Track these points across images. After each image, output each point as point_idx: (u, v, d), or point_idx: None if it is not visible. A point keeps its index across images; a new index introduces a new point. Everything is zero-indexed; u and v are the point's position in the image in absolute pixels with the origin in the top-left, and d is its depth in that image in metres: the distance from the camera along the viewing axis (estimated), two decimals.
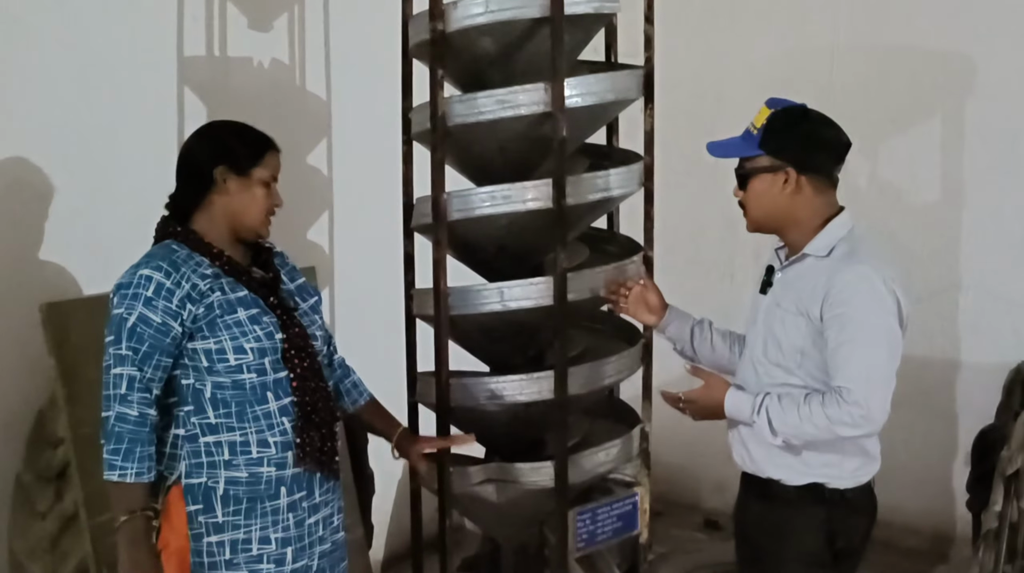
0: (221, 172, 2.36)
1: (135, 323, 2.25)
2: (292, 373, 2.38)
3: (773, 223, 2.52)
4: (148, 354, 2.25)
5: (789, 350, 2.47)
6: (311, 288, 2.59)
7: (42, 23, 3.12)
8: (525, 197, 2.84)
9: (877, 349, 2.37)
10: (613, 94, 2.93)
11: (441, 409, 2.96)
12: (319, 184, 4.03)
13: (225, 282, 2.35)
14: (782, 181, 2.45)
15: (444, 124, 2.85)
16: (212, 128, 2.50)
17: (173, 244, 2.35)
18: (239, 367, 2.32)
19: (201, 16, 3.57)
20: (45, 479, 2.97)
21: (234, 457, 2.33)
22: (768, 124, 2.45)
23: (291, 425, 2.37)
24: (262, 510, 2.36)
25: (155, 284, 2.26)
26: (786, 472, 2.49)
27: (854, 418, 2.33)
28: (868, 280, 2.39)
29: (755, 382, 2.53)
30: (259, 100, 3.77)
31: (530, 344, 3.11)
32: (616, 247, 3.28)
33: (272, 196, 2.43)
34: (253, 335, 2.33)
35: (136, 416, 2.24)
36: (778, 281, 2.55)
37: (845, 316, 2.37)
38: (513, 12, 2.76)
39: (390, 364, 3.32)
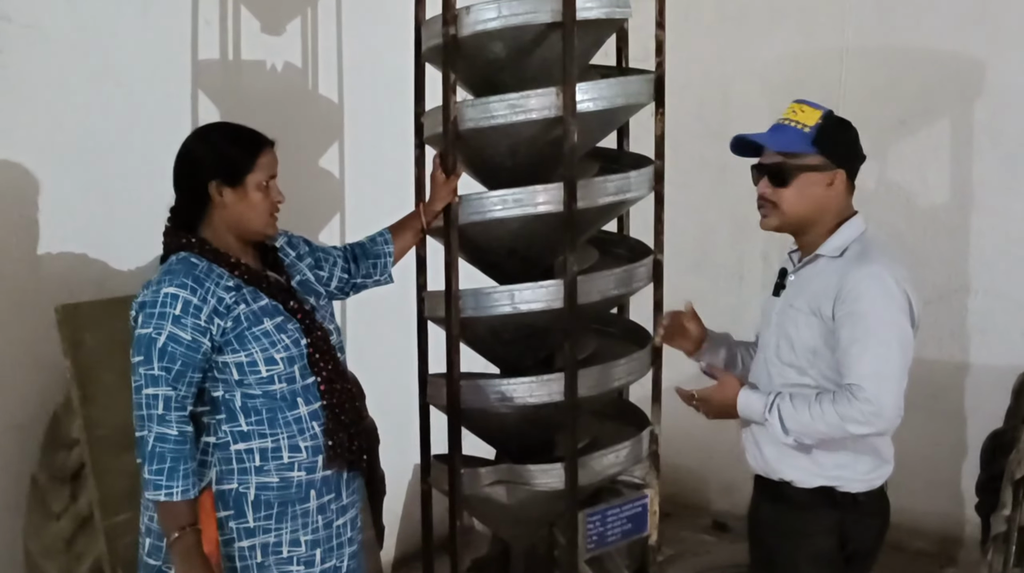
0: (215, 187, 2.35)
1: (165, 342, 2.25)
2: (319, 377, 2.40)
3: (802, 222, 2.53)
4: (181, 372, 2.27)
5: (802, 350, 2.49)
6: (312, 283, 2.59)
7: (56, 28, 3.14)
8: (536, 201, 2.86)
9: (889, 347, 2.39)
10: (624, 99, 2.94)
11: (452, 411, 2.98)
12: (331, 187, 4.05)
13: (247, 291, 2.36)
14: (828, 182, 2.48)
15: (456, 128, 2.87)
16: (200, 138, 2.45)
17: (192, 258, 2.34)
18: (270, 378, 2.35)
19: (215, 20, 3.60)
20: (60, 480, 2.99)
21: (265, 463, 2.35)
22: (824, 125, 2.47)
23: (321, 429, 2.40)
24: (292, 513, 2.38)
25: (182, 302, 2.27)
26: (798, 474, 2.50)
27: (865, 415, 2.35)
28: (880, 279, 2.42)
29: (768, 383, 2.55)
30: (272, 103, 3.79)
31: (540, 346, 3.12)
32: (626, 250, 3.29)
33: (272, 194, 2.42)
34: (282, 345, 2.35)
35: (176, 435, 2.25)
36: (791, 283, 2.57)
37: (857, 314, 2.39)
38: (525, 17, 2.77)
39: (401, 366, 3.34)
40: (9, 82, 3.04)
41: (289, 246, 2.61)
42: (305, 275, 2.59)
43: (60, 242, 3.14)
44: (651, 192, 3.13)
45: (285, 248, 2.59)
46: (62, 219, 3.15)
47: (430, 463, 3.19)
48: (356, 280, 2.81)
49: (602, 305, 3.07)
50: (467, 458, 3.08)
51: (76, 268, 3.15)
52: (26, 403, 3.06)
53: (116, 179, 3.19)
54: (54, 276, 3.11)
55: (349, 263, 2.79)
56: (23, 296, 3.06)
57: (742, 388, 2.52)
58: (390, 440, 3.83)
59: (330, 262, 2.73)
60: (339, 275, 2.75)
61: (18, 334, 3.04)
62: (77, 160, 3.18)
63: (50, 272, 3.11)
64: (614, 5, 2.89)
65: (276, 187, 2.44)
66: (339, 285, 2.77)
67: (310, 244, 2.71)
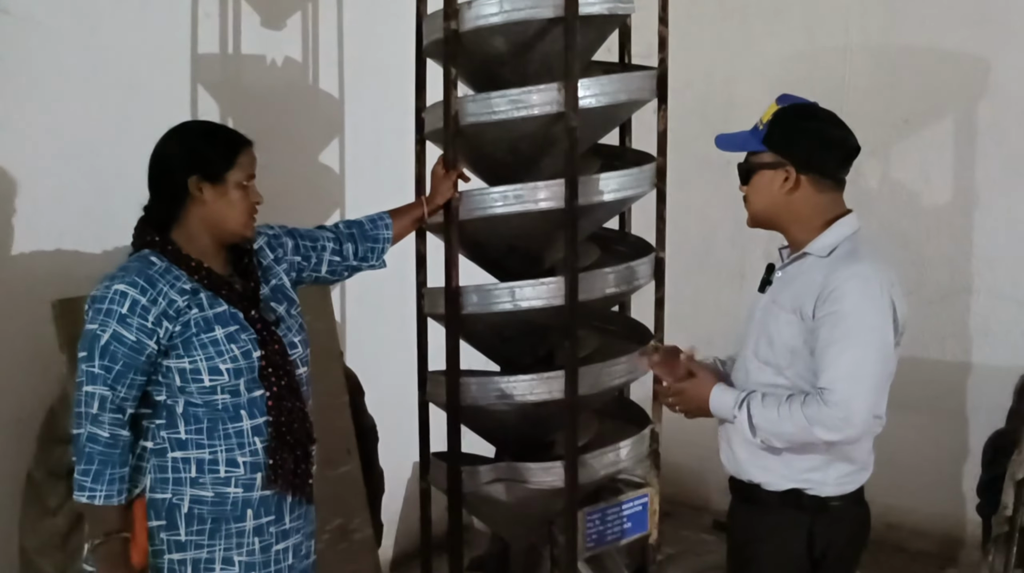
0: (195, 182, 2.29)
1: (108, 341, 2.20)
2: (268, 392, 2.32)
3: (771, 219, 2.49)
4: (121, 373, 2.21)
5: (781, 349, 2.41)
6: (287, 289, 2.52)
7: (54, 20, 3.12)
8: (537, 197, 2.85)
9: (867, 351, 2.30)
10: (626, 95, 2.93)
11: (451, 408, 2.97)
12: (331, 182, 4.04)
13: (204, 297, 2.29)
14: (782, 179, 2.41)
15: (457, 123, 2.85)
16: (179, 134, 2.38)
17: (152, 256, 2.28)
18: (213, 388, 2.28)
19: (215, 13, 3.57)
20: (56, 476, 2.96)
21: (201, 475, 2.28)
22: (773, 120, 2.42)
23: (263, 446, 2.32)
24: (227, 531, 2.31)
25: (130, 301, 2.21)
26: (768, 476, 2.44)
27: (834, 420, 2.27)
28: (865, 280, 2.34)
29: (745, 380, 2.49)
30: (272, 98, 3.78)
31: (541, 344, 3.11)
32: (627, 247, 3.28)
33: (251, 195, 2.36)
34: (229, 355, 2.28)
35: (107, 437, 2.21)
36: (777, 279, 2.52)
37: (838, 315, 2.30)
38: (527, 12, 2.76)
39: (400, 363, 3.32)
40: (6, 74, 3.02)
41: (269, 247, 2.53)
42: (280, 280, 2.51)
43: (57, 237, 3.12)
44: (653, 189, 3.12)
45: (264, 250, 2.51)
46: (59, 213, 3.13)
47: (429, 461, 3.17)
48: (351, 262, 2.74)
49: (603, 302, 3.06)
50: (466, 456, 3.06)
51: (72, 263, 3.13)
52: (22, 398, 3.05)
53: (113, 173, 3.17)
54: (50, 271, 3.09)
55: (343, 244, 2.71)
56: (19, 291, 3.04)
57: (716, 384, 2.46)
58: (389, 437, 3.81)
59: (318, 248, 2.66)
60: (329, 259, 2.68)
61: (14, 329, 3.02)
62: (74, 154, 3.16)
63: (46, 267, 3.09)
64: (617, 1, 2.87)
65: (255, 188, 2.37)
66: (331, 269, 2.70)
67: (295, 235, 2.63)
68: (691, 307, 2.90)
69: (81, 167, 3.17)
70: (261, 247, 2.51)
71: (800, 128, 2.43)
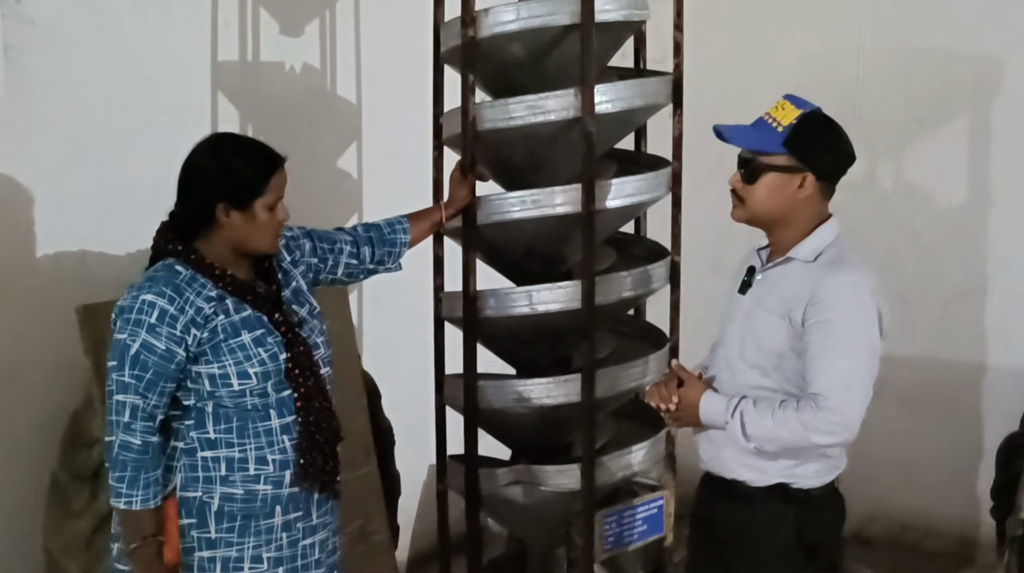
0: (223, 209, 2.31)
1: (138, 350, 2.24)
2: (296, 392, 2.37)
3: (769, 220, 2.50)
4: (152, 382, 2.25)
5: (768, 352, 2.45)
6: (305, 293, 2.54)
7: (76, 29, 3.16)
8: (555, 202, 2.87)
9: (859, 358, 2.36)
10: (642, 100, 2.95)
11: (469, 411, 2.99)
12: (349, 188, 4.07)
13: (230, 302, 2.33)
14: (797, 184, 2.45)
15: (474, 129, 2.88)
16: (212, 152, 2.37)
17: (177, 265, 2.32)
18: (242, 392, 2.32)
19: (234, 22, 3.61)
20: (80, 479, 3.01)
21: (231, 473, 2.33)
22: (798, 126, 2.43)
23: (292, 444, 2.36)
24: (256, 528, 2.35)
25: (159, 310, 2.25)
26: (753, 473, 2.48)
27: (830, 425, 2.32)
28: (855, 288, 2.40)
29: (730, 382, 2.51)
30: (291, 104, 3.81)
31: (558, 347, 3.13)
32: (643, 251, 3.30)
33: (278, 214, 2.38)
34: (257, 359, 2.32)
35: (139, 444, 2.25)
36: (759, 282, 2.53)
37: (829, 322, 2.36)
38: (544, 19, 2.78)
39: (418, 366, 3.35)
40: (31, 83, 3.05)
41: (287, 249, 2.55)
42: (298, 283, 2.53)
43: (81, 242, 3.16)
44: (668, 194, 3.14)
45: (282, 252, 2.53)
46: (83, 219, 3.17)
47: (446, 464, 3.20)
48: (368, 265, 2.76)
49: (619, 306, 3.08)
50: (483, 458, 3.09)
51: (96, 268, 3.16)
52: (47, 402, 3.08)
53: (136, 179, 3.20)
54: (74, 276, 3.12)
55: (360, 247, 2.73)
56: (44, 296, 3.08)
57: (705, 392, 2.49)
58: (405, 440, 3.84)
59: (335, 250, 2.69)
60: (346, 262, 2.71)
61: (39, 334, 3.06)
62: (97, 160, 3.20)
63: (70, 272, 3.12)
64: (632, 7, 2.90)
65: (283, 206, 2.39)
66: (347, 271, 2.72)
67: (312, 236, 2.65)
68: (705, 310, 2.90)
69: (103, 173, 3.20)
70: (279, 249, 2.53)
71: (823, 137, 2.47)
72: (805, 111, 2.46)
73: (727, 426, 2.43)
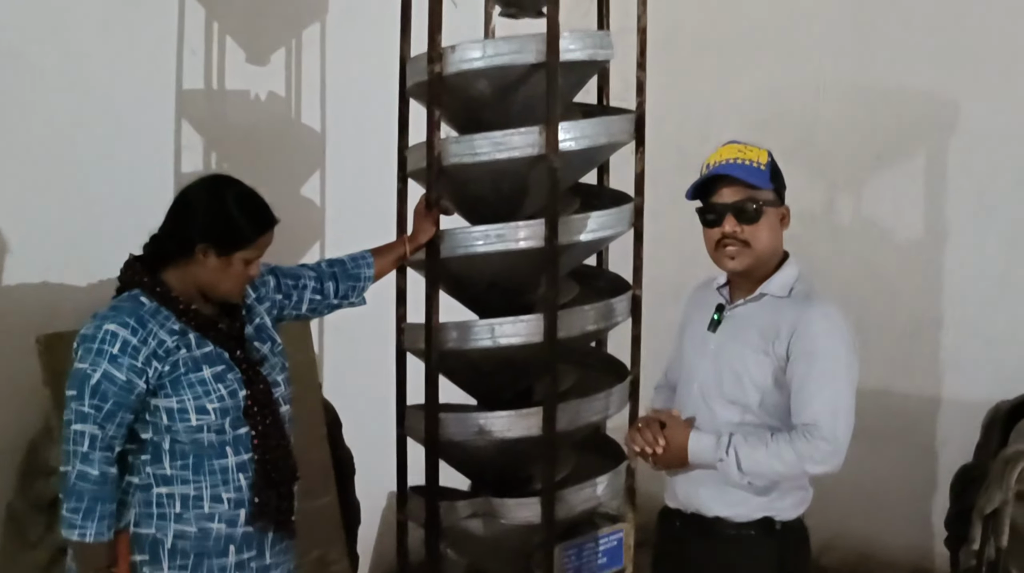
0: (202, 249, 2.32)
1: (99, 380, 2.23)
2: (254, 430, 2.37)
3: (768, 259, 2.52)
4: (111, 412, 2.25)
5: (750, 388, 2.48)
6: (269, 329, 2.55)
7: (41, 55, 3.15)
8: (518, 236, 2.89)
9: (844, 386, 2.43)
10: (606, 138, 2.99)
11: (430, 444, 2.99)
12: (312, 215, 4.07)
13: (193, 337, 2.33)
14: (781, 217, 2.53)
15: (440, 164, 2.90)
16: (211, 193, 2.37)
17: (141, 296, 2.32)
18: (199, 427, 2.31)
19: (200, 50, 3.61)
20: (37, 509, 2.98)
21: (185, 510, 2.32)
22: (772, 161, 2.52)
23: (247, 482, 2.36)
24: (209, 567, 2.34)
25: (121, 341, 2.24)
26: (735, 509, 2.50)
27: (824, 454, 2.38)
28: (834, 319, 2.46)
29: (710, 420, 2.52)
30: (255, 132, 3.82)
31: (519, 379, 3.15)
32: (605, 284, 3.33)
33: (251, 269, 2.38)
34: (216, 395, 2.32)
35: (97, 475, 2.24)
36: (729, 318, 2.56)
37: (814, 354, 2.41)
38: (510, 58, 2.81)
39: (379, 395, 3.35)
40: None
41: (251, 286, 2.55)
42: (262, 319, 2.54)
43: (42, 271, 3.14)
44: (631, 229, 3.17)
45: (247, 289, 2.52)
46: (44, 247, 3.15)
47: (407, 495, 3.20)
48: (332, 300, 2.78)
49: (582, 339, 3.10)
50: (444, 490, 3.09)
51: (57, 296, 3.14)
52: (4, 430, 3.05)
53: (98, 208, 3.19)
54: (35, 304, 3.10)
55: (324, 283, 2.75)
56: (3, 324, 3.05)
57: (691, 432, 2.49)
58: (365, 469, 3.83)
59: (299, 286, 2.70)
60: (310, 297, 2.72)
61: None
62: (59, 188, 3.19)
63: (31, 300, 3.10)
64: (597, 47, 2.93)
65: (259, 263, 2.41)
66: (311, 307, 2.74)
67: (277, 273, 2.66)
68: (666, 340, 2.93)
69: (66, 201, 3.19)
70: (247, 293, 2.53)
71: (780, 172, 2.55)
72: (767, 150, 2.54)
73: (720, 463, 2.43)
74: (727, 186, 2.48)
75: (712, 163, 2.52)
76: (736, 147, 2.53)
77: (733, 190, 2.48)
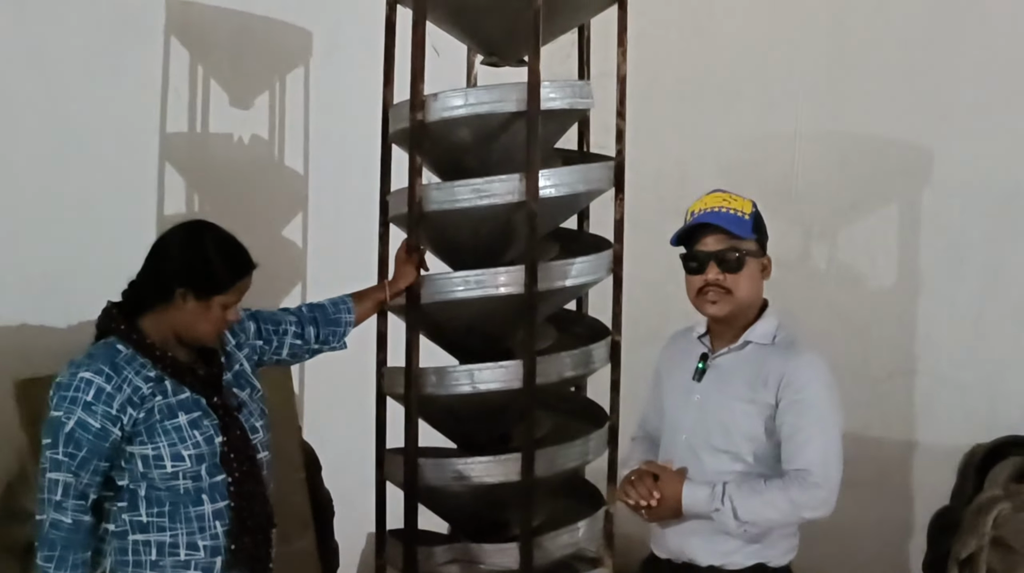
0: (182, 293, 2.32)
1: (73, 428, 2.23)
2: (230, 477, 2.36)
3: (749, 308, 2.56)
4: (85, 460, 2.24)
5: (739, 437, 2.50)
6: (248, 375, 2.55)
7: (25, 94, 3.17)
8: (498, 282, 2.91)
9: (834, 433, 2.46)
10: (585, 185, 3.02)
11: (409, 489, 2.99)
12: (294, 256, 4.08)
13: (169, 384, 2.32)
14: (762, 267, 2.57)
15: (421, 210, 2.92)
16: (191, 238, 2.38)
17: (118, 344, 2.31)
18: (175, 474, 2.30)
19: (184, 92, 3.64)
20: (12, 553, 2.94)
21: (161, 558, 2.31)
22: (756, 212, 2.56)
23: (224, 529, 2.35)
24: None
25: (95, 388, 2.24)
26: (728, 558, 2.51)
27: (818, 500, 2.41)
28: (820, 367, 2.51)
29: (700, 470, 2.53)
30: (237, 174, 3.84)
31: (498, 424, 3.16)
32: (584, 329, 3.35)
33: (230, 314, 2.39)
34: (192, 441, 2.31)
35: (70, 524, 2.23)
36: (714, 367, 2.58)
37: (804, 402, 2.44)
38: (491, 106, 2.85)
39: (358, 437, 3.35)
40: None
41: (231, 332, 2.55)
42: (242, 365, 2.54)
43: (20, 313, 3.14)
44: (610, 275, 3.20)
45: (226, 335, 2.53)
46: (23, 290, 3.14)
47: (385, 539, 3.19)
48: (312, 345, 2.78)
49: (560, 385, 3.12)
50: (422, 534, 3.08)
51: (35, 339, 3.13)
52: None
53: (79, 250, 3.19)
54: (13, 348, 3.09)
55: (305, 327, 2.75)
56: None
57: (685, 482, 2.50)
58: (345, 511, 3.82)
59: (280, 332, 2.70)
60: (291, 342, 2.72)
61: None
62: (40, 230, 3.19)
63: (9, 343, 3.09)
64: (577, 96, 2.98)
65: (237, 308, 2.41)
66: (292, 351, 2.74)
67: (257, 318, 2.66)
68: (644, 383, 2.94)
69: (46, 243, 3.19)
70: (223, 332, 2.53)
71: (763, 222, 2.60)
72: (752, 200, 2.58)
73: (716, 513, 2.44)
74: (711, 234, 2.52)
75: (697, 210, 2.56)
76: (721, 196, 2.57)
77: (717, 238, 2.52)
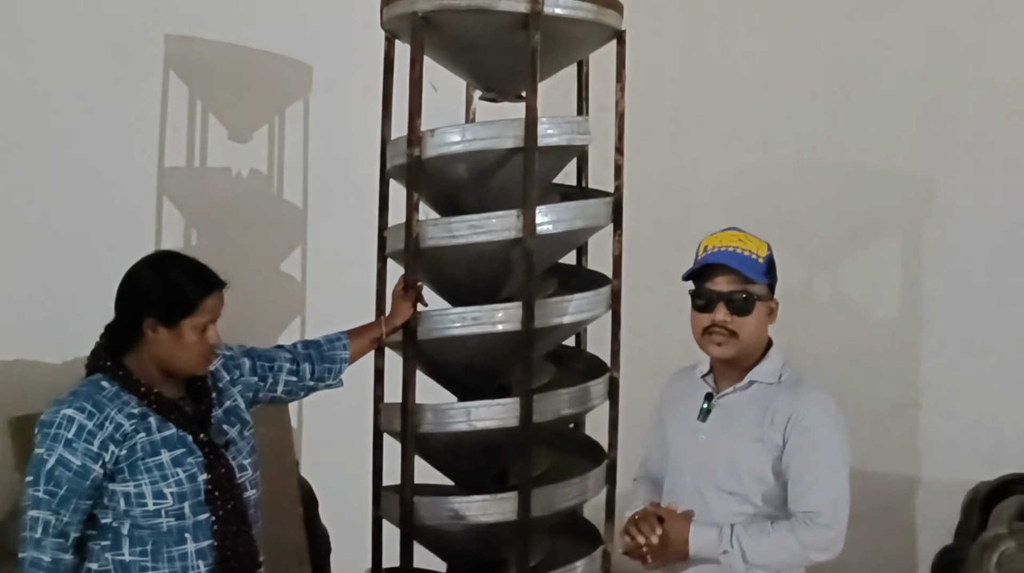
0: (150, 324, 2.30)
1: (54, 465, 2.21)
2: (214, 516, 2.33)
3: (754, 351, 2.53)
4: (66, 498, 2.22)
5: (747, 477, 2.47)
6: (241, 411, 2.52)
7: (22, 131, 3.17)
8: (495, 319, 2.90)
9: (841, 472, 2.43)
10: (583, 221, 3.01)
11: (405, 527, 2.97)
12: (292, 290, 4.08)
13: (153, 420, 2.30)
14: (769, 311, 2.53)
15: (418, 245, 2.91)
16: (150, 269, 2.36)
17: (103, 381, 2.30)
18: (157, 512, 2.27)
19: (183, 128, 3.64)
20: None
21: None
22: (770, 255, 2.53)
23: (207, 569, 2.32)
24: None
25: (77, 425, 2.22)
26: None
27: (827, 541, 2.38)
28: (828, 407, 2.47)
29: (706, 512, 2.50)
30: (236, 208, 3.83)
31: (495, 462, 3.13)
32: (583, 364, 3.33)
33: (208, 337, 2.35)
34: (174, 478, 2.28)
35: (49, 561, 2.21)
36: (719, 407, 2.54)
37: (812, 442, 2.41)
38: (488, 142, 2.84)
39: (356, 473, 3.32)
40: None
41: (225, 369, 2.53)
42: (235, 401, 2.51)
43: (15, 350, 3.12)
44: (608, 311, 3.18)
45: (220, 371, 2.51)
46: (18, 327, 3.13)
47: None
48: (308, 383, 2.76)
49: (557, 423, 3.09)
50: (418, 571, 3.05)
51: (33, 376, 3.11)
52: None
53: (76, 286, 3.18)
54: (7, 385, 3.07)
55: (300, 364, 2.73)
56: None
57: (691, 525, 2.47)
58: (341, 547, 3.79)
59: (275, 369, 2.68)
60: (286, 379, 2.70)
61: None
62: (37, 266, 3.18)
63: (3, 381, 3.08)
64: (575, 133, 2.97)
65: (214, 330, 2.37)
66: (287, 389, 2.71)
67: (252, 355, 2.64)
68: (644, 418, 2.91)
69: (42, 279, 3.19)
70: (217, 369, 2.51)
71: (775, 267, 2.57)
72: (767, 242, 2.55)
73: (725, 556, 2.41)
74: (723, 274, 2.48)
75: (711, 247, 2.52)
76: (737, 235, 2.53)
77: (728, 279, 2.48)
